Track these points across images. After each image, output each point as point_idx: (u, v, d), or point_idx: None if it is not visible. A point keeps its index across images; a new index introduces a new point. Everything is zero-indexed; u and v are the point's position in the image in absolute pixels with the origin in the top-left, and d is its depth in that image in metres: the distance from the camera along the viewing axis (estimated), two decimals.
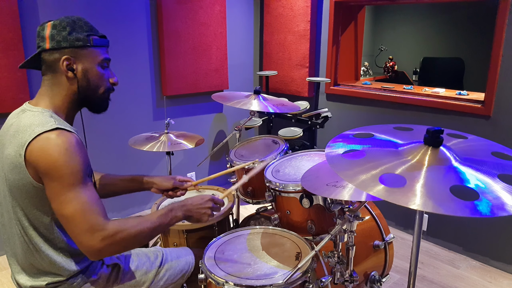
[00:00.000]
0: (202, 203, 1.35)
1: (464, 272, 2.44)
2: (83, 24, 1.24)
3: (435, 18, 5.09)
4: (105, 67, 1.31)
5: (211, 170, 3.66)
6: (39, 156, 1.10)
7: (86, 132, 1.40)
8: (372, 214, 1.86)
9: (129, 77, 2.96)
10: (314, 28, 3.26)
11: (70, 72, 1.22)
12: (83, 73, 1.25)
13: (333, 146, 1.09)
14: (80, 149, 1.16)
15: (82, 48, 1.23)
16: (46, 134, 1.11)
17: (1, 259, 2.57)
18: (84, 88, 1.26)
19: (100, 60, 1.27)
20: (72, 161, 1.11)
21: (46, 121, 1.15)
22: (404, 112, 2.80)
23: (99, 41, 1.27)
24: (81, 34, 1.22)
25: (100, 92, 1.31)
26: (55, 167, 1.09)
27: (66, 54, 1.21)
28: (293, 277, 1.24)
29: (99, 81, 1.29)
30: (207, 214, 1.35)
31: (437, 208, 0.81)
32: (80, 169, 1.12)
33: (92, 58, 1.25)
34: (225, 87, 3.50)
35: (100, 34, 1.28)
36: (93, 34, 1.26)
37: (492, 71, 2.33)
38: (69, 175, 1.10)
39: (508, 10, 2.22)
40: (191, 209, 1.33)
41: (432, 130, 0.97)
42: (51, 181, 1.10)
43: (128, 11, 2.87)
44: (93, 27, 1.27)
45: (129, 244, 1.17)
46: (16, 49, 2.38)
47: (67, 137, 1.13)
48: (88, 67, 1.25)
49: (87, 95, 1.28)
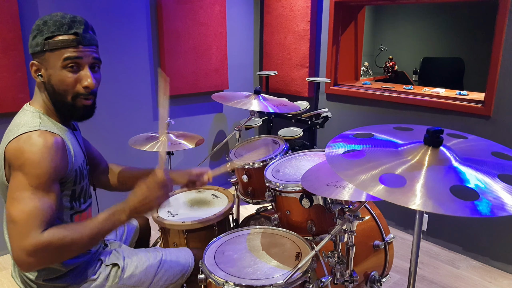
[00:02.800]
0: (147, 194, 1.18)
1: (464, 272, 2.44)
2: (51, 24, 1.16)
3: (435, 18, 5.09)
4: (73, 70, 1.18)
5: None
6: (13, 153, 1.10)
7: (86, 132, 1.40)
8: (372, 214, 1.86)
9: (129, 77, 2.96)
10: (314, 28, 3.26)
11: (39, 78, 1.20)
12: (48, 79, 1.19)
13: (333, 146, 1.09)
14: (56, 154, 1.12)
15: (41, 53, 1.16)
16: (27, 134, 1.12)
17: (1, 259, 2.57)
18: (51, 94, 1.20)
19: (62, 62, 1.16)
20: (42, 163, 1.09)
21: (32, 121, 1.16)
22: (404, 112, 2.80)
23: (58, 43, 1.15)
24: (40, 38, 1.15)
25: (68, 98, 1.20)
26: (23, 164, 1.08)
27: (33, 60, 1.19)
28: (293, 277, 1.24)
29: (62, 85, 1.18)
30: (157, 202, 1.20)
31: (437, 208, 0.81)
32: (47, 173, 1.09)
33: (53, 62, 1.16)
34: (225, 87, 3.50)
35: (72, 31, 1.16)
36: (58, 34, 1.15)
37: (492, 71, 2.33)
38: (33, 176, 1.08)
39: (508, 10, 2.22)
40: (136, 206, 1.17)
41: (432, 130, 0.97)
42: (15, 177, 1.09)
43: (128, 11, 2.87)
44: (63, 24, 1.16)
45: (64, 254, 1.10)
46: (16, 49, 2.38)
47: (46, 139, 1.12)
48: (51, 72, 1.18)
49: (57, 101, 1.21)
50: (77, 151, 1.27)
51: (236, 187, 2.06)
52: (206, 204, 1.96)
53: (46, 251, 1.04)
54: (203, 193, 2.08)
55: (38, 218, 1.05)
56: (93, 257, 1.35)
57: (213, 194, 2.05)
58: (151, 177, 1.20)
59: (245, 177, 1.89)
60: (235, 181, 2.04)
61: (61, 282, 1.25)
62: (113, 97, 2.90)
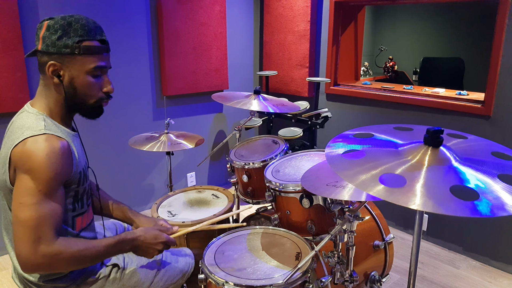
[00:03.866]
0: (153, 243, 1.31)
1: (464, 272, 2.44)
2: (79, 28, 1.17)
3: (435, 18, 5.09)
4: (97, 75, 1.23)
5: (211, 170, 3.66)
6: (19, 157, 1.10)
7: (85, 132, 1.40)
8: (372, 214, 1.86)
9: (129, 77, 2.96)
10: (314, 28, 3.26)
11: (56, 78, 1.19)
12: (70, 81, 1.20)
13: (333, 146, 1.09)
14: (63, 158, 1.13)
15: (69, 55, 1.17)
16: (33, 138, 1.12)
17: (1, 259, 2.57)
18: (71, 95, 1.21)
19: (90, 69, 1.20)
20: (48, 168, 1.09)
21: (37, 124, 1.16)
22: (404, 112, 2.80)
23: (91, 48, 1.18)
24: (71, 40, 1.16)
25: (91, 101, 1.25)
26: (31, 169, 1.09)
27: (53, 60, 1.17)
28: (293, 277, 1.24)
29: (87, 90, 1.22)
30: (154, 254, 1.33)
31: (437, 208, 0.81)
32: (53, 178, 1.10)
33: (81, 66, 1.19)
34: (225, 87, 3.50)
35: (98, 38, 1.21)
36: (87, 39, 1.18)
37: (492, 71, 2.33)
38: (40, 181, 1.08)
39: (508, 10, 2.22)
40: (140, 245, 1.29)
41: (432, 130, 0.97)
42: (21, 180, 1.10)
43: (128, 11, 2.87)
44: (91, 29, 1.19)
45: (69, 266, 1.15)
46: (16, 49, 2.38)
47: (53, 144, 1.12)
48: (75, 75, 1.19)
49: (75, 103, 1.23)
50: (80, 153, 1.28)
51: (236, 187, 2.06)
52: (206, 204, 1.96)
53: (56, 259, 1.08)
54: (203, 193, 2.08)
55: (49, 223, 1.09)
56: None
57: (213, 194, 2.06)
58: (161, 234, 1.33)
59: (245, 177, 1.89)
60: (235, 181, 2.04)
61: (61, 283, 1.25)
62: (113, 97, 2.89)
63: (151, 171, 3.23)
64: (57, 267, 1.12)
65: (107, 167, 2.94)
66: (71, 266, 1.16)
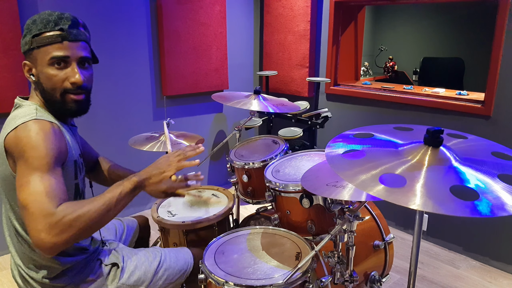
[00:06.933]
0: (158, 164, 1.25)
1: (464, 272, 2.44)
2: (39, 22, 1.16)
3: (435, 18, 5.09)
4: (60, 67, 1.17)
5: (211, 170, 3.66)
6: (12, 142, 1.11)
7: (86, 132, 1.40)
8: (372, 214, 1.86)
9: (129, 77, 2.96)
10: (314, 28, 3.26)
11: (31, 77, 1.20)
12: (37, 77, 1.19)
13: (333, 146, 1.09)
14: (54, 137, 1.13)
15: (29, 51, 1.17)
16: (24, 124, 1.12)
17: (1, 259, 2.57)
18: (42, 93, 1.21)
19: (48, 60, 1.16)
20: (40, 145, 1.08)
21: (29, 113, 1.17)
22: (404, 112, 2.80)
23: (43, 39, 1.15)
24: (29, 36, 1.16)
25: (57, 95, 1.20)
26: (23, 150, 1.08)
27: (25, 59, 1.20)
28: (293, 277, 1.24)
29: (50, 83, 1.18)
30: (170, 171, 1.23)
31: (437, 208, 0.81)
32: (47, 154, 1.08)
33: (41, 60, 1.17)
34: (225, 87, 3.50)
35: (57, 28, 1.15)
36: (44, 31, 1.15)
37: (492, 71, 2.33)
38: (34, 158, 1.07)
39: (508, 10, 2.22)
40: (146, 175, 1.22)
41: (432, 130, 0.97)
42: (19, 165, 1.09)
43: (128, 11, 2.87)
44: (49, 21, 1.15)
45: (84, 227, 1.04)
46: (16, 49, 2.38)
47: (42, 124, 1.13)
48: (39, 70, 1.18)
49: (48, 99, 1.21)
50: (73, 143, 1.28)
51: (236, 187, 2.06)
52: (206, 204, 1.96)
53: (63, 225, 1.01)
54: (203, 193, 2.08)
55: (48, 197, 1.03)
56: (92, 257, 1.35)
57: (213, 194, 2.05)
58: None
59: (245, 177, 1.89)
60: (235, 181, 2.04)
61: (60, 282, 1.25)
62: (113, 97, 2.90)
63: None
64: (74, 231, 1.02)
65: None
66: (86, 225, 1.05)
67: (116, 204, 1.12)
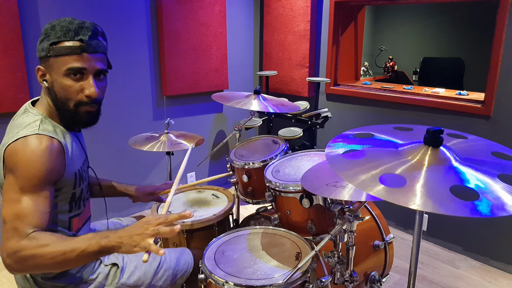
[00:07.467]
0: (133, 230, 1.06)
1: (464, 272, 2.44)
2: (59, 29, 1.14)
3: (435, 18, 5.09)
4: (76, 78, 1.16)
5: (211, 170, 3.66)
6: (9, 155, 1.11)
7: (86, 132, 1.40)
8: (372, 214, 1.86)
9: (129, 77, 2.96)
10: (314, 28, 3.26)
11: (44, 82, 1.19)
12: (51, 85, 1.18)
13: (333, 146, 1.09)
14: (50, 157, 1.12)
15: (46, 58, 1.16)
16: (24, 138, 1.12)
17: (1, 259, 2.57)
18: (54, 100, 1.20)
19: (64, 71, 1.14)
20: (33, 165, 1.08)
21: (32, 125, 1.16)
22: (404, 112, 2.80)
23: (62, 49, 1.13)
24: (47, 43, 1.14)
25: (70, 105, 1.18)
26: (16, 164, 1.08)
27: (40, 64, 1.18)
28: (293, 277, 1.24)
29: (64, 93, 1.17)
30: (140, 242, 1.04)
31: (437, 208, 0.81)
32: (38, 176, 1.08)
33: (57, 69, 1.15)
34: (225, 87, 3.50)
35: (77, 38, 1.14)
36: (63, 40, 1.13)
37: (492, 71, 2.33)
38: (23, 178, 1.07)
39: (508, 10, 2.22)
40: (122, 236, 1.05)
41: (432, 130, 0.97)
42: (8, 178, 1.10)
43: (128, 11, 2.87)
44: (70, 30, 1.14)
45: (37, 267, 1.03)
46: (16, 49, 2.38)
47: (41, 142, 1.12)
48: (54, 78, 1.17)
49: (59, 108, 1.20)
50: (76, 153, 1.27)
51: (236, 187, 2.06)
52: (206, 204, 1.96)
53: (19, 258, 1.01)
54: (203, 193, 2.08)
55: (24, 221, 1.04)
56: None
57: (213, 194, 2.05)
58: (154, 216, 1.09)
59: (245, 177, 1.89)
60: (235, 181, 2.04)
61: (60, 282, 1.25)
62: (113, 97, 2.90)
63: (151, 171, 3.23)
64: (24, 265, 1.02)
65: (107, 167, 2.94)
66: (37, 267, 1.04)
67: (75, 259, 1.04)
